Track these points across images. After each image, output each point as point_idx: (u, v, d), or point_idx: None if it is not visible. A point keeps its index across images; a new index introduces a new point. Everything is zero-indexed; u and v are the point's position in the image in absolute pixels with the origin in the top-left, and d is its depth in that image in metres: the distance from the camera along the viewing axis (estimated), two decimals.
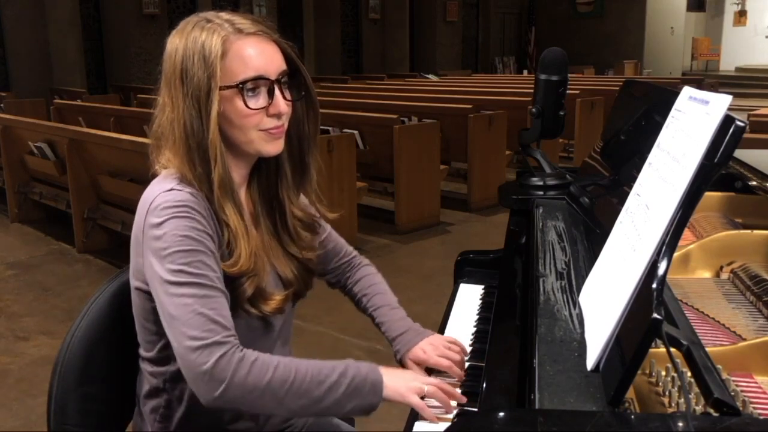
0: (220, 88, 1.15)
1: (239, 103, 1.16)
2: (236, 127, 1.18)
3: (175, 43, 1.19)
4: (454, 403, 1.20)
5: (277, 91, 1.18)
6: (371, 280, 1.49)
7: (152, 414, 1.28)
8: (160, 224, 1.12)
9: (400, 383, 1.18)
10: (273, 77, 1.18)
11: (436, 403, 1.19)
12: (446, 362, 1.31)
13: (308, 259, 1.34)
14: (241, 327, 1.20)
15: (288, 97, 1.21)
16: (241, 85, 1.16)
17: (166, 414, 1.27)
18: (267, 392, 1.09)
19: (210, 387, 1.07)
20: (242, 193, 1.28)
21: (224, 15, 1.20)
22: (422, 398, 1.18)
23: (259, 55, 1.17)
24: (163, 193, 1.15)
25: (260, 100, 1.18)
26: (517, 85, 9.74)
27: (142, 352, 1.28)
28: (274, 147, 1.22)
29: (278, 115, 1.19)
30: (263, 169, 1.30)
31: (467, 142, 6.00)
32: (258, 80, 1.17)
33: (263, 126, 1.19)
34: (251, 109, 1.17)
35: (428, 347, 1.35)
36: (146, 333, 1.25)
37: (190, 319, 1.09)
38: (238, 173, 1.25)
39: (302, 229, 1.33)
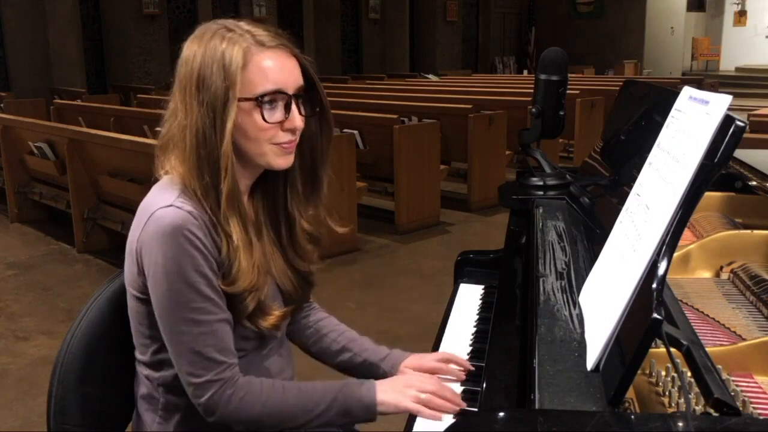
0: (238, 100, 1.14)
1: (256, 116, 1.15)
2: (250, 139, 1.17)
3: (193, 49, 1.17)
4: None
5: (293, 106, 1.18)
6: (335, 321, 1.47)
7: (151, 415, 1.28)
8: (157, 250, 1.12)
9: (395, 396, 1.20)
10: (291, 92, 1.17)
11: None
12: (445, 366, 1.32)
13: (308, 272, 1.34)
14: (238, 339, 1.21)
15: (303, 112, 1.21)
16: (259, 99, 1.15)
17: (164, 416, 1.27)
18: (254, 422, 1.19)
19: (206, 415, 1.18)
20: (244, 202, 1.27)
21: (244, 25, 1.18)
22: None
23: (279, 69, 1.16)
24: (163, 209, 1.13)
25: (277, 114, 1.17)
26: (517, 85, 9.74)
27: (137, 355, 1.28)
28: (284, 161, 1.21)
29: (293, 131, 1.19)
30: (270, 180, 1.29)
31: (467, 142, 6.00)
32: (276, 94, 1.16)
33: (277, 140, 1.18)
34: (268, 122, 1.16)
35: (423, 355, 1.36)
36: (141, 336, 1.25)
37: (186, 356, 1.15)
38: (243, 183, 1.24)
39: (308, 242, 1.33)
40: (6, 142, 5.79)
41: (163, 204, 1.14)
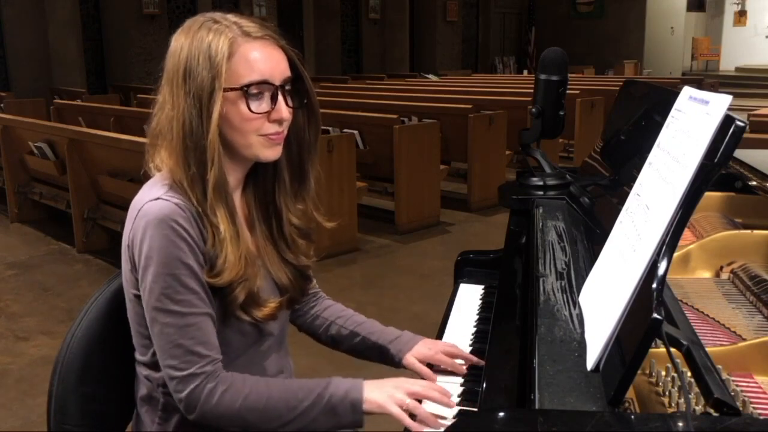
0: (224, 90, 1.14)
1: (242, 106, 1.16)
2: (236, 130, 1.17)
3: (180, 41, 1.18)
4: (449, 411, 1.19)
5: (280, 97, 1.18)
6: (341, 307, 1.48)
7: (150, 416, 1.28)
8: (144, 240, 1.12)
9: (381, 396, 1.17)
10: (277, 83, 1.17)
11: (434, 406, 1.18)
12: (449, 359, 1.33)
13: (304, 266, 1.34)
14: (234, 333, 1.21)
15: (290, 103, 1.21)
16: (245, 89, 1.15)
17: (163, 417, 1.27)
18: (236, 418, 1.16)
19: (186, 411, 1.16)
20: (237, 197, 1.27)
21: (231, 17, 1.19)
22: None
23: (265, 59, 1.17)
24: (150, 203, 1.14)
25: (263, 105, 1.17)
26: (517, 85, 9.73)
27: (137, 355, 1.28)
28: (272, 152, 1.21)
29: (279, 121, 1.19)
30: (260, 174, 1.29)
31: (467, 142, 6.00)
32: (262, 85, 1.16)
33: (263, 131, 1.18)
34: (254, 113, 1.16)
35: (431, 344, 1.37)
36: (140, 338, 1.25)
37: (169, 349, 1.14)
38: (234, 177, 1.24)
39: (298, 237, 1.33)
40: (6, 142, 5.79)
41: (150, 199, 1.15)
